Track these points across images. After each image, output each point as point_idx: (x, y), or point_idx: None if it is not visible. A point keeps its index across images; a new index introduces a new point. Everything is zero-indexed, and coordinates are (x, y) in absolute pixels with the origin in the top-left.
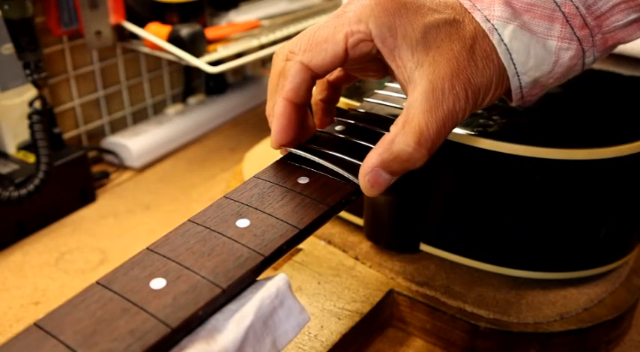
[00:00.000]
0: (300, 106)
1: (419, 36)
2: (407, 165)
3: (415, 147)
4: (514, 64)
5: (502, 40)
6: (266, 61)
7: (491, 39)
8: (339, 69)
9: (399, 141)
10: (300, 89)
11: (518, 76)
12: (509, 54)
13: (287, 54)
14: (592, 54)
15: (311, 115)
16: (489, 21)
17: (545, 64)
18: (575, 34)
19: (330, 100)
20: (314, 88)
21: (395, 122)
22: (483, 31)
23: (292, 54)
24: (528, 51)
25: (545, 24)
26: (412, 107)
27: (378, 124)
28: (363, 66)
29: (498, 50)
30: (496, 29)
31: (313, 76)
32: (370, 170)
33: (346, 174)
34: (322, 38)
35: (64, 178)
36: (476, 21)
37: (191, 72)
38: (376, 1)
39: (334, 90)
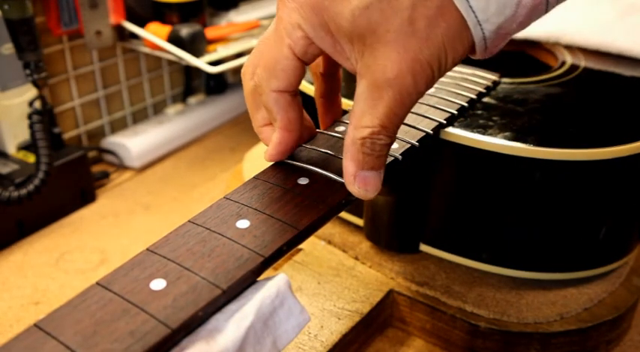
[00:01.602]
0: (298, 129)
1: (349, 25)
2: (381, 154)
3: (376, 140)
4: (474, 12)
5: None
6: None
7: None
8: (322, 58)
9: (357, 139)
10: (288, 114)
11: (480, 25)
12: (467, 1)
13: (253, 80)
14: None
15: (309, 116)
16: None
17: (507, 8)
18: None
19: (328, 93)
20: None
21: (350, 117)
22: None
23: (260, 88)
24: None
25: None
26: (359, 100)
27: None
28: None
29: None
30: None
31: (292, 95)
32: (354, 177)
33: (340, 179)
34: (273, 60)
35: (64, 178)
36: None
37: (191, 72)
38: (300, 1)
39: (330, 81)
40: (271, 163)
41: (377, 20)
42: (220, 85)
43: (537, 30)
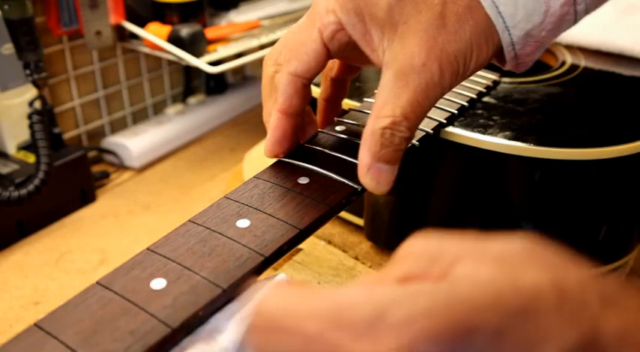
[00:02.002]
0: (296, 116)
1: (384, 15)
2: (399, 148)
3: (396, 131)
4: (502, 18)
5: None
6: None
7: None
8: (337, 63)
9: (377, 129)
10: (292, 99)
11: (508, 31)
12: (496, 7)
13: (275, 66)
14: (583, 0)
15: (313, 114)
16: None
17: (535, 15)
18: None
19: (333, 99)
20: (319, 88)
21: (372, 109)
22: None
23: (279, 66)
24: (516, 2)
25: None
26: (383, 91)
27: None
28: (356, 54)
29: (484, 4)
30: None
31: (304, 83)
32: (368, 168)
33: (340, 178)
34: (300, 42)
35: (64, 178)
36: None
37: (191, 72)
38: None
39: (338, 87)
40: (271, 163)
41: (410, 12)
42: (220, 85)
43: None
